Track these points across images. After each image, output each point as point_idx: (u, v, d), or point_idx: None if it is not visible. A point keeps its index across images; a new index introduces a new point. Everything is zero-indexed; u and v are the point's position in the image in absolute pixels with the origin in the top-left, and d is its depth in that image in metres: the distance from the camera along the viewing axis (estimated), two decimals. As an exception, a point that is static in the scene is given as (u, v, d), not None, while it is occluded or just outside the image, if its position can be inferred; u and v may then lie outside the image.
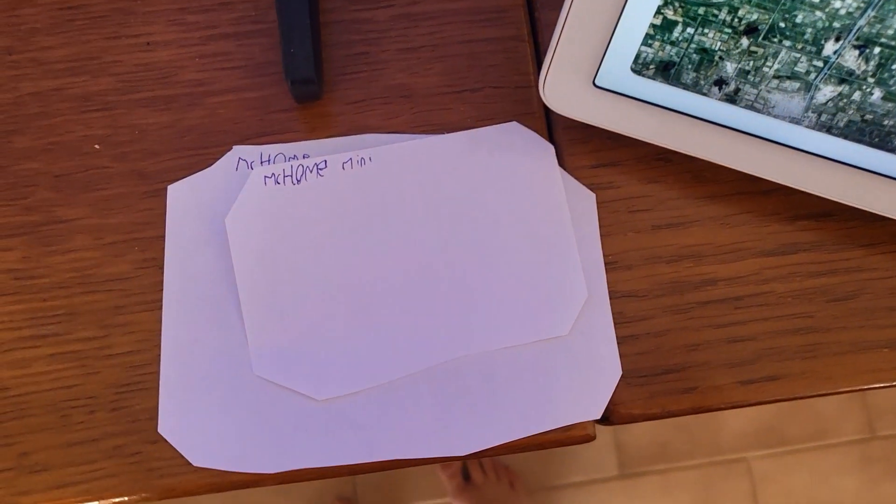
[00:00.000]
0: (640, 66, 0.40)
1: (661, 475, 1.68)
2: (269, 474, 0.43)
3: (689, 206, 0.46)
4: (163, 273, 0.45)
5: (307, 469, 0.43)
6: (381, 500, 1.63)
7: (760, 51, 0.38)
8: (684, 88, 0.41)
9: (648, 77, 0.41)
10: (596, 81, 0.42)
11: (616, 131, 0.44)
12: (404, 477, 1.63)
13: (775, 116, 0.40)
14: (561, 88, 0.43)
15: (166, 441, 0.43)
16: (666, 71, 0.40)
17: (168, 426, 0.43)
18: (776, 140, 0.41)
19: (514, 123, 0.47)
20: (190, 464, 0.43)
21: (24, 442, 0.43)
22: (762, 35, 0.37)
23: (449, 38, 0.48)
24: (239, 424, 0.43)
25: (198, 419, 0.43)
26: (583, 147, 0.47)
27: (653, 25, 0.38)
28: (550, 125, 0.48)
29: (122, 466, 0.43)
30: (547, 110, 0.48)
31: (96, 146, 0.46)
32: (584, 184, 0.46)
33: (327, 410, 0.43)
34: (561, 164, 0.47)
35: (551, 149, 0.46)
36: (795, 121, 0.40)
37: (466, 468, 1.58)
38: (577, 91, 0.43)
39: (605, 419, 0.44)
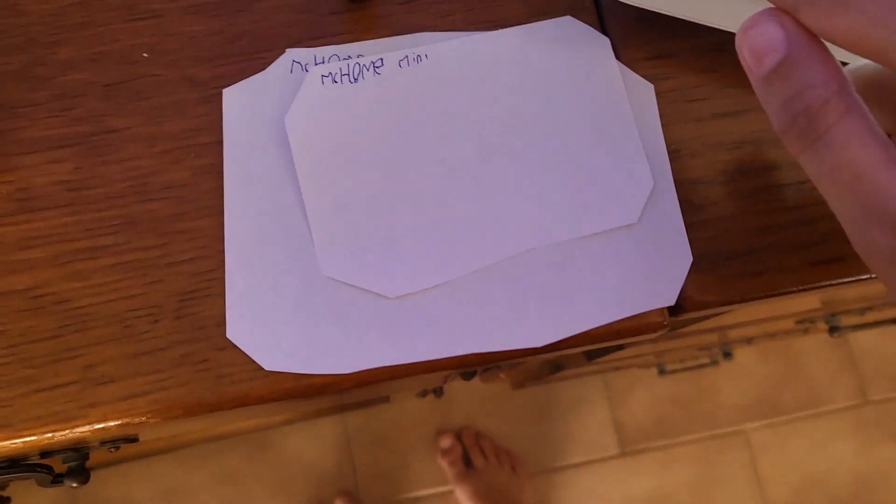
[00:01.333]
0: (705, -62, 0.40)
1: (662, 451, 1.68)
2: (345, 375, 0.41)
3: (747, 95, 0.46)
4: (222, 178, 0.43)
5: (384, 368, 0.42)
6: (383, 492, 1.61)
7: None
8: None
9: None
10: (658, -40, 0.42)
11: (677, 14, 0.44)
12: (405, 467, 1.61)
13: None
14: (621, -29, 0.43)
15: (236, 346, 0.41)
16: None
17: (237, 331, 0.41)
18: None
19: (569, 18, 0.46)
20: (262, 368, 0.41)
21: (88, 354, 0.41)
22: None
23: (497, -64, 0.48)
24: (310, 326, 0.42)
25: (267, 323, 0.42)
26: (636, 40, 0.47)
27: None
28: (603, 19, 0.47)
29: (190, 375, 0.41)
30: (598, 4, 0.47)
31: (145, 55, 0.45)
32: (641, 76, 0.46)
33: (400, 308, 0.42)
34: (617, 57, 0.46)
35: (607, 41, 0.46)
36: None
37: (467, 454, 1.57)
38: (639, -28, 0.42)
39: (679, 307, 0.44)
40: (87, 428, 0.41)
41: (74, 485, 0.59)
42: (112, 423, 0.41)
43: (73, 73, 0.44)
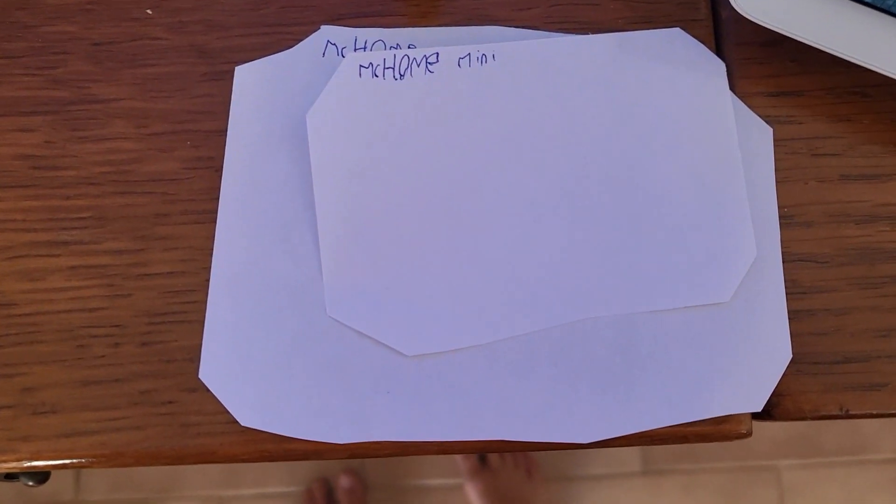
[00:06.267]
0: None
1: (686, 475, 1.60)
2: (337, 445, 0.33)
3: (889, 155, 0.37)
4: (220, 177, 0.35)
5: (386, 443, 0.33)
6: (390, 476, 1.55)
7: None
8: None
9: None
10: (809, -26, 0.32)
11: (824, 47, 0.34)
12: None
13: None
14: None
15: (208, 390, 0.34)
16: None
17: (212, 372, 0.34)
18: None
19: (678, 30, 0.37)
20: (237, 423, 0.33)
21: (30, 374, 0.34)
22: None
23: (601, -83, 0.38)
24: (303, 378, 0.34)
25: (251, 367, 0.34)
26: (758, 69, 0.37)
27: None
28: (720, 37, 0.38)
29: (149, 417, 0.34)
30: (716, 19, 0.38)
31: (148, 11, 0.37)
32: (758, 115, 0.37)
33: (417, 370, 0.34)
34: (731, 87, 0.37)
35: (722, 66, 0.37)
36: None
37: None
38: (780, -14, 0.33)
39: (766, 413, 0.35)
40: (13, 465, 0.33)
41: (31, 483, 0.52)
42: (45, 463, 0.33)
43: (61, 23, 0.37)
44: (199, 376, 0.34)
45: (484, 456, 1.48)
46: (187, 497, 1.42)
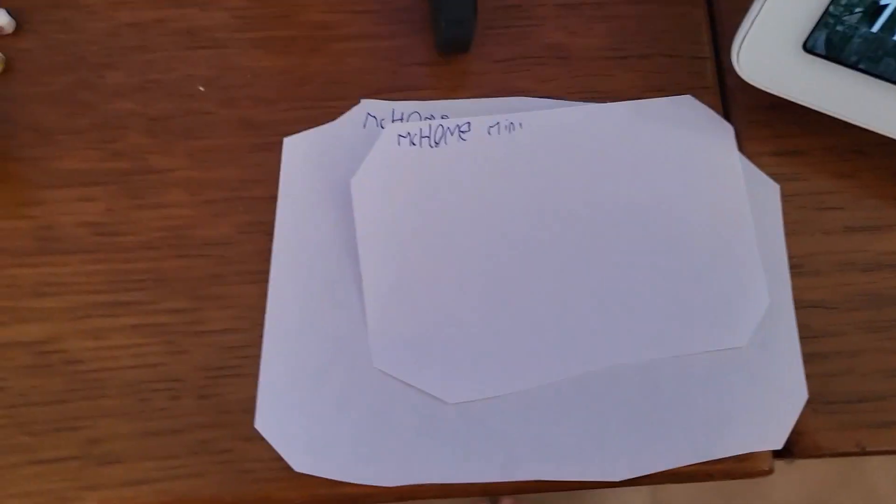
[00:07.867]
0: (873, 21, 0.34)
1: (698, 533, 1.58)
2: (386, 488, 0.35)
3: (889, 208, 0.40)
4: (271, 240, 0.38)
5: (431, 485, 0.35)
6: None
7: None
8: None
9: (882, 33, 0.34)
10: (808, 45, 0.35)
11: (824, 109, 0.37)
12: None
13: None
14: (761, 54, 0.36)
15: (263, 439, 0.36)
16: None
17: (267, 422, 0.36)
18: None
19: (689, 97, 0.40)
20: (291, 469, 0.35)
21: (95, 427, 0.36)
22: None
23: (615, -4, 0.42)
24: (352, 426, 0.36)
25: (303, 416, 0.36)
26: (764, 131, 0.40)
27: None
28: (727, 103, 0.41)
29: (208, 465, 0.35)
30: (723, 86, 0.41)
31: (200, 88, 0.40)
32: (765, 173, 0.40)
33: (459, 417, 0.36)
34: (739, 148, 0.40)
35: (730, 129, 0.40)
36: None
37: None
38: (782, 57, 0.36)
39: (787, 451, 0.37)
40: (81, 513, 0.35)
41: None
42: (110, 512, 0.35)
43: (119, 101, 0.39)
44: (255, 426, 0.36)
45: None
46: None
